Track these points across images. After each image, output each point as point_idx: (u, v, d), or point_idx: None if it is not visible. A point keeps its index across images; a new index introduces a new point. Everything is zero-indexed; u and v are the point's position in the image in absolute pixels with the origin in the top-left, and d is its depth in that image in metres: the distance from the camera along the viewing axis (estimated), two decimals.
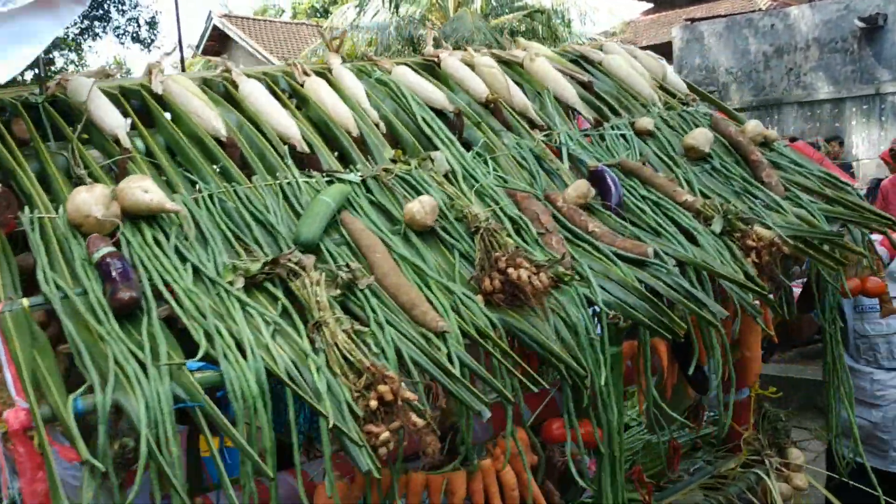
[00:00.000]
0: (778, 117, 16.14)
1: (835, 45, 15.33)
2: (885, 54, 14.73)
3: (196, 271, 1.99)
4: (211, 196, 2.23)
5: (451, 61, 2.58)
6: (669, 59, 17.50)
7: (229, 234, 2.14)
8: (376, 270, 2.04)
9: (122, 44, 16.25)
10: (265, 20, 26.66)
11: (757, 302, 2.16)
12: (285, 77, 2.61)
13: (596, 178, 2.34)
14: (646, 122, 2.63)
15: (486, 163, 2.32)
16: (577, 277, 1.96)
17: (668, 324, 1.86)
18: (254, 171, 2.34)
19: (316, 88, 2.56)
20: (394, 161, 2.35)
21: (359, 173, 2.32)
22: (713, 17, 17.88)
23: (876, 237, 3.33)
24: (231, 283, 1.95)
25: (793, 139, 3.68)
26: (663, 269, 2.01)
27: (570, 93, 2.66)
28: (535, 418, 2.34)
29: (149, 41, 16.66)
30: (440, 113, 2.40)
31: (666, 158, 2.56)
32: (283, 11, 37.98)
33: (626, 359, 2.29)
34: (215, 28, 23.12)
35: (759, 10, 18.17)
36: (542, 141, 2.44)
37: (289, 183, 2.33)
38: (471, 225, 2.08)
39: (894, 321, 3.11)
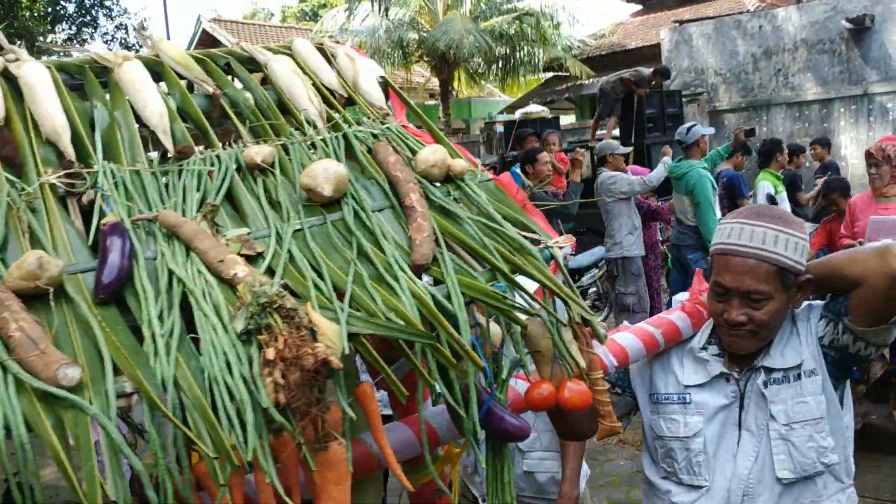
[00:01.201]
0: (767, 118, 15.38)
1: (822, 46, 14.61)
2: (872, 55, 14.03)
3: None
4: None
5: None
6: (658, 60, 16.61)
7: None
8: None
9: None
10: (255, 24, 25.91)
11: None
12: None
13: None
14: (255, 153, 1.72)
15: None
16: None
17: None
18: None
19: None
20: None
21: None
22: (702, 18, 16.85)
23: (683, 296, 2.33)
24: None
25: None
26: (69, 400, 1.12)
27: (153, 112, 1.75)
28: None
29: (137, 47, 15.99)
30: None
31: (265, 207, 1.67)
32: (273, 15, 37.37)
33: None
34: (204, 32, 22.35)
35: (748, 11, 17.15)
36: (60, 183, 1.55)
37: None
38: None
39: (695, 418, 2.04)
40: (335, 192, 1.66)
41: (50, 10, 14.91)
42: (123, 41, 15.82)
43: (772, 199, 8.39)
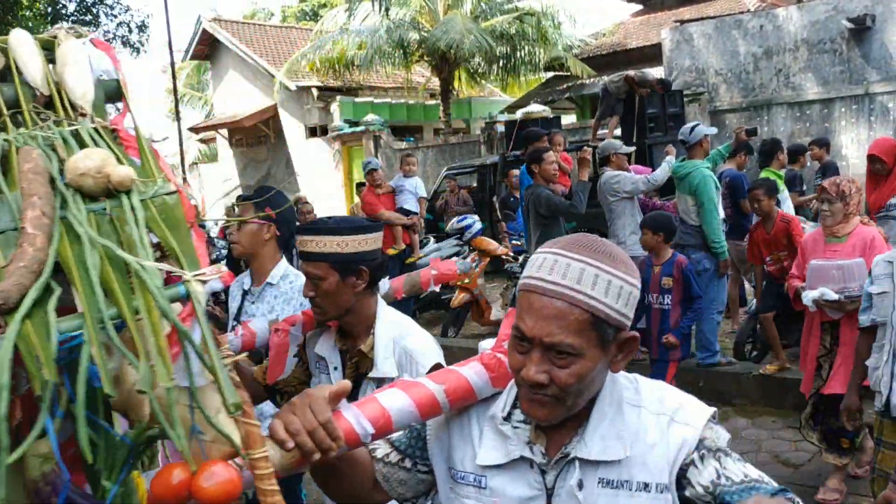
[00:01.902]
0: (768, 118, 15.09)
1: (823, 45, 14.33)
2: (873, 55, 13.76)
3: None
4: None
5: None
6: (659, 60, 16.36)
7: None
8: None
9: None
10: (254, 24, 25.54)
11: None
12: None
13: None
14: None
15: None
16: None
17: None
18: None
19: None
20: None
21: None
22: (702, 18, 16.56)
23: (489, 343, 1.77)
24: None
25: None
26: None
27: None
28: None
29: (138, 45, 15.72)
30: None
31: None
32: (273, 15, 37.02)
33: None
34: (205, 32, 22.10)
35: (748, 11, 16.87)
36: None
37: None
38: None
39: None
40: None
41: (50, 8, 14.63)
42: (125, 39, 15.53)
43: None
